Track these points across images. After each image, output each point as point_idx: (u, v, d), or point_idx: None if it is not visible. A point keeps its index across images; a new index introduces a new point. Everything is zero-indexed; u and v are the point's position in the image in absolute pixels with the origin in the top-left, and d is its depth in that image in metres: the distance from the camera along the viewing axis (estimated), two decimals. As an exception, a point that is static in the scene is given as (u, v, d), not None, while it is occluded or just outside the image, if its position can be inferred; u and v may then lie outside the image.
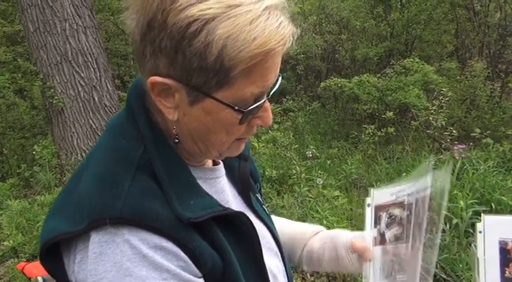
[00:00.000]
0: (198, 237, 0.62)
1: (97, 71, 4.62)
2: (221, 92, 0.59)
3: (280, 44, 0.58)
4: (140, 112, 0.67)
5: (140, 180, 0.62)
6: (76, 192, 0.64)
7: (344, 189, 3.90)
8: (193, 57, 0.57)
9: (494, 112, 4.76)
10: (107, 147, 0.67)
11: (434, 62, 5.62)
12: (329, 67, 6.44)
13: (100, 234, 0.59)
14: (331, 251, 0.90)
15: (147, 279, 0.57)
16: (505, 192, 3.30)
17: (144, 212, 0.59)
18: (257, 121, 0.66)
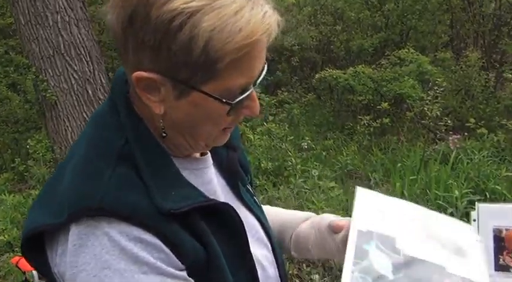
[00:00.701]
0: (179, 228, 0.61)
1: (90, 64, 4.58)
2: (208, 85, 0.59)
3: (266, 33, 0.58)
4: (122, 103, 0.66)
5: (120, 172, 0.61)
6: (59, 185, 0.64)
7: (339, 180, 3.91)
8: (179, 51, 0.56)
9: (489, 102, 4.78)
10: (88, 139, 0.66)
11: (429, 52, 5.61)
12: (324, 59, 6.42)
13: (80, 227, 0.58)
14: (316, 234, 0.88)
15: (126, 272, 0.57)
16: (499, 181, 3.33)
17: (123, 203, 0.59)
18: (245, 111, 0.66)
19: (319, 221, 0.89)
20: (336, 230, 0.84)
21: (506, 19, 5.15)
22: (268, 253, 0.80)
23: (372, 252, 0.77)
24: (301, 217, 0.94)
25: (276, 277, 0.80)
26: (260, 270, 0.74)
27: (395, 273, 0.75)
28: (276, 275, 0.80)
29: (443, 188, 3.26)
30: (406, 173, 3.59)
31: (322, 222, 0.88)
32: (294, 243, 0.92)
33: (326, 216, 0.90)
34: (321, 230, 0.87)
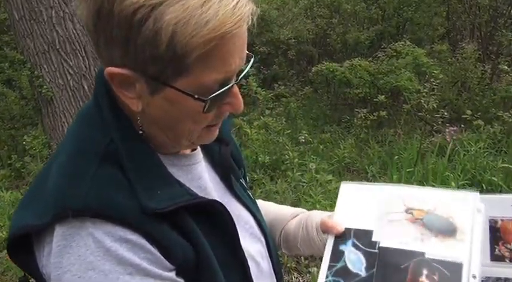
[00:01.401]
0: (166, 228, 0.61)
1: (86, 59, 4.55)
2: (180, 81, 0.57)
3: (236, 25, 0.55)
4: (105, 102, 0.65)
5: (104, 171, 0.60)
6: (45, 184, 0.63)
7: (337, 174, 3.92)
8: (145, 46, 0.54)
9: (485, 94, 4.78)
10: (74, 138, 0.65)
11: (425, 44, 5.60)
12: (320, 52, 6.40)
13: (64, 227, 0.58)
14: (303, 231, 0.88)
15: (111, 273, 0.56)
16: (496, 172, 3.35)
17: (107, 203, 0.58)
18: (226, 107, 0.64)
19: (306, 219, 0.89)
20: (324, 230, 0.84)
21: (502, 10, 5.15)
22: (262, 248, 0.79)
23: (347, 252, 0.77)
24: (290, 214, 0.94)
25: (270, 272, 0.80)
26: (254, 266, 0.73)
27: (368, 269, 0.74)
28: (270, 270, 0.80)
29: (440, 180, 3.27)
30: (403, 166, 3.60)
31: (309, 221, 0.88)
32: (283, 241, 0.92)
33: (314, 215, 0.89)
34: (308, 229, 0.87)
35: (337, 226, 0.80)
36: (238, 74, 0.62)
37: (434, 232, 0.76)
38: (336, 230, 0.80)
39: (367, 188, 0.85)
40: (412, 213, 0.79)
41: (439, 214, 0.78)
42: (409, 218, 0.78)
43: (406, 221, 0.78)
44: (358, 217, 0.80)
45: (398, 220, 0.78)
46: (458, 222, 0.76)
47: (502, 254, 0.83)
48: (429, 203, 0.79)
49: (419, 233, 0.76)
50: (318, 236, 0.85)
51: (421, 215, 0.78)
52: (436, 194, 0.81)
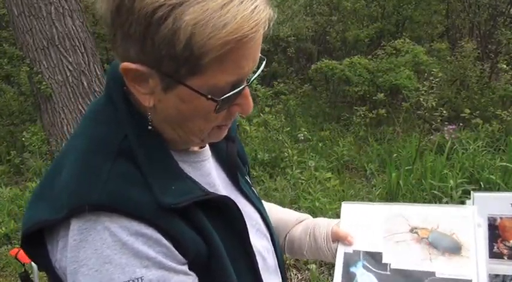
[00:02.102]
0: (180, 222, 0.62)
1: (85, 55, 4.54)
2: (194, 80, 0.58)
3: (253, 30, 0.55)
4: (119, 98, 0.66)
5: (119, 168, 0.61)
6: (57, 180, 0.63)
7: (336, 171, 3.93)
8: (162, 44, 0.55)
9: (484, 92, 4.80)
10: (86, 135, 0.66)
11: (424, 42, 5.61)
12: (320, 49, 6.40)
13: (80, 222, 0.58)
14: (311, 240, 0.89)
15: (127, 267, 0.57)
16: (494, 171, 3.36)
17: (123, 198, 0.59)
18: (236, 108, 0.65)
19: (314, 228, 0.90)
20: (335, 239, 0.86)
21: (501, 9, 5.15)
22: (267, 244, 0.80)
23: (359, 274, 0.79)
24: (295, 219, 0.95)
25: (275, 267, 0.81)
26: (261, 261, 0.74)
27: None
28: (275, 265, 0.81)
29: (438, 178, 3.28)
30: (401, 164, 3.61)
31: (317, 231, 0.89)
32: (288, 246, 0.94)
33: (321, 224, 0.91)
34: (316, 238, 0.88)
35: (348, 236, 0.83)
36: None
37: (441, 250, 0.79)
38: (347, 240, 0.83)
39: (369, 208, 0.87)
40: (417, 232, 0.82)
41: (442, 232, 0.80)
42: (415, 237, 0.81)
43: (412, 241, 0.81)
44: (365, 239, 0.83)
45: (405, 241, 0.81)
46: (462, 239, 0.79)
47: (501, 251, 0.85)
48: (431, 221, 0.82)
49: (428, 253, 0.79)
50: (327, 245, 0.87)
51: (426, 234, 0.81)
52: (436, 211, 0.84)
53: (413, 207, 0.86)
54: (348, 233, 0.84)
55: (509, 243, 0.85)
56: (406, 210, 0.85)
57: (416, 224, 0.82)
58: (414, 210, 0.84)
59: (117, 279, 0.57)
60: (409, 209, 0.85)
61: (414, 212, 0.84)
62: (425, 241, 0.80)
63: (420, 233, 0.81)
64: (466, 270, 0.76)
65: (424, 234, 0.81)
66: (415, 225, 0.82)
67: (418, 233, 0.81)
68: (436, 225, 0.81)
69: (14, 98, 6.10)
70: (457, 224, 0.81)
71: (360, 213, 0.86)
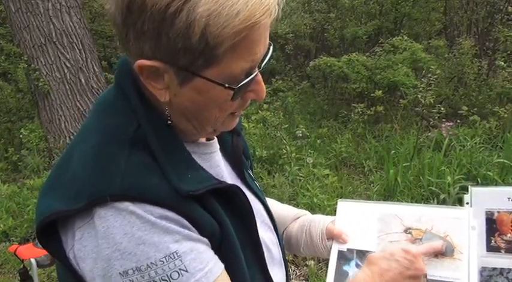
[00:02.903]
0: (198, 207, 0.63)
1: (82, 52, 4.53)
2: (210, 71, 0.59)
3: (265, 15, 0.57)
4: (132, 90, 0.66)
5: (136, 156, 0.62)
6: (68, 172, 0.64)
7: (334, 168, 3.95)
8: (177, 38, 0.56)
9: (481, 89, 4.81)
10: (98, 126, 0.66)
11: (422, 40, 5.61)
12: (318, 46, 6.40)
13: (105, 210, 0.59)
14: (307, 237, 0.91)
15: (160, 244, 0.59)
16: (491, 167, 3.37)
17: (143, 186, 0.60)
18: (251, 95, 0.66)
19: (309, 225, 0.92)
20: (329, 237, 0.88)
21: (499, 6, 5.15)
22: (272, 235, 0.82)
23: (352, 272, 0.80)
24: (292, 216, 0.97)
25: (280, 258, 0.82)
26: (266, 252, 0.75)
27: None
28: (280, 256, 0.82)
29: (436, 174, 3.30)
30: (399, 160, 3.62)
31: (313, 228, 0.91)
32: (285, 242, 0.95)
33: (317, 221, 0.92)
34: (312, 235, 0.90)
35: (342, 234, 0.85)
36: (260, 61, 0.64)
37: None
38: (341, 238, 0.85)
39: (365, 206, 0.88)
40: (411, 233, 0.82)
41: (436, 233, 0.81)
42: (409, 238, 0.82)
43: (405, 241, 0.81)
44: (359, 237, 0.84)
45: (398, 241, 0.82)
46: (455, 241, 0.80)
47: (498, 245, 0.85)
48: (426, 222, 0.82)
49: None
50: (322, 243, 0.89)
51: (420, 235, 0.81)
52: (431, 212, 0.84)
53: (409, 207, 0.86)
54: (342, 231, 0.86)
55: (507, 237, 0.85)
56: (401, 210, 0.85)
57: (410, 224, 0.82)
58: (409, 210, 0.85)
59: (154, 257, 0.58)
60: (404, 209, 0.86)
61: (409, 212, 0.84)
62: (418, 242, 0.80)
63: (414, 234, 0.82)
64: (458, 273, 0.76)
65: (417, 235, 0.81)
66: (410, 226, 0.82)
67: (412, 234, 0.82)
68: (430, 226, 0.82)
69: (11, 95, 6.08)
70: (452, 225, 0.81)
71: (355, 212, 0.87)
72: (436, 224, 0.82)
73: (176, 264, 0.59)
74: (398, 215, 0.84)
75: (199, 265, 0.61)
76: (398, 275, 0.73)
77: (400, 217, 0.84)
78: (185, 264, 0.60)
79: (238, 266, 0.67)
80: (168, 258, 0.59)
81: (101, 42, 6.97)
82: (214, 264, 0.63)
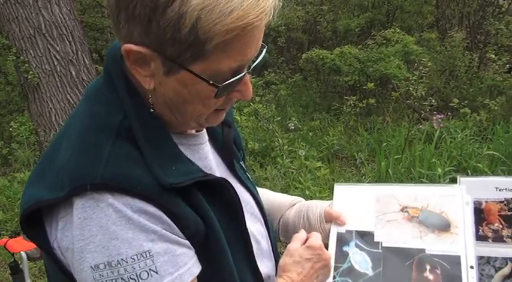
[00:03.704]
0: (180, 202, 0.62)
1: (73, 44, 4.47)
2: (196, 65, 0.58)
3: (258, 18, 0.56)
4: (119, 78, 0.66)
5: (120, 146, 0.61)
6: (55, 160, 0.63)
7: (326, 160, 3.96)
8: (167, 28, 0.55)
9: (472, 82, 4.84)
10: (85, 115, 0.66)
11: (414, 32, 5.63)
12: (311, 39, 6.39)
13: (83, 200, 0.59)
14: (305, 222, 0.91)
15: (134, 241, 0.58)
16: (481, 159, 3.41)
17: (125, 177, 0.59)
18: (236, 94, 0.66)
19: (307, 210, 0.92)
20: (328, 220, 0.88)
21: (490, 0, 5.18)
22: (261, 227, 0.81)
23: (352, 252, 0.82)
24: (288, 202, 0.96)
25: (269, 250, 0.82)
26: (255, 244, 0.75)
27: (375, 268, 0.79)
28: (269, 249, 0.82)
29: (426, 166, 3.33)
30: (391, 153, 3.65)
31: (310, 212, 0.91)
32: (282, 229, 0.95)
33: (314, 205, 0.92)
34: (310, 219, 0.90)
35: (340, 216, 0.86)
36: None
37: (431, 228, 0.81)
38: (340, 219, 0.86)
39: (360, 188, 0.90)
40: (407, 211, 0.84)
41: (432, 210, 0.83)
42: (406, 216, 0.83)
43: (403, 220, 0.83)
44: (357, 219, 0.85)
45: (396, 220, 0.83)
46: (451, 217, 0.82)
47: (486, 234, 0.86)
48: (421, 200, 0.84)
49: (418, 231, 0.81)
50: (321, 226, 0.89)
51: (417, 213, 0.83)
52: (426, 190, 0.86)
53: (404, 187, 0.88)
54: (341, 214, 0.86)
55: (494, 226, 0.86)
56: (397, 190, 0.87)
57: (406, 203, 0.84)
58: (404, 190, 0.87)
59: (125, 253, 0.58)
60: (399, 189, 0.87)
61: (404, 192, 0.86)
62: (415, 220, 0.82)
63: (411, 212, 0.83)
64: (455, 247, 0.79)
65: (414, 213, 0.83)
66: (406, 205, 0.84)
67: (408, 212, 0.83)
68: (426, 204, 0.84)
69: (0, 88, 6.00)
70: (446, 202, 0.83)
71: (352, 194, 0.88)
72: (431, 201, 0.84)
73: (147, 264, 0.58)
74: (394, 195, 0.86)
75: (170, 268, 0.60)
76: (312, 270, 0.77)
77: (396, 197, 0.85)
78: (156, 266, 0.59)
79: (225, 260, 0.67)
80: (139, 256, 0.58)
81: (92, 34, 6.89)
82: (187, 269, 0.62)
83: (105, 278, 0.57)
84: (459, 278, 0.76)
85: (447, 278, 0.76)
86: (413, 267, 0.78)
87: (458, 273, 0.76)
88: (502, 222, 0.85)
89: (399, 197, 0.85)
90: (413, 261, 0.78)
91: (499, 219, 0.86)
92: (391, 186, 0.89)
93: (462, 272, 0.76)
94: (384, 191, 0.87)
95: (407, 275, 0.77)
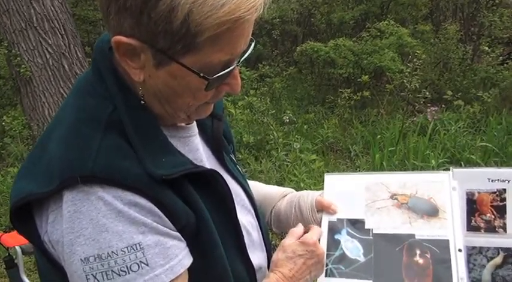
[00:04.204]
0: (171, 193, 0.63)
1: (65, 37, 4.43)
2: (187, 58, 0.58)
3: (249, 12, 0.56)
4: (108, 71, 0.65)
5: (110, 139, 0.61)
6: (45, 154, 0.63)
7: (320, 153, 3.97)
8: (159, 20, 0.55)
9: (466, 74, 4.86)
10: (74, 108, 0.65)
11: (409, 25, 5.63)
12: (305, 32, 6.37)
13: (73, 193, 0.58)
14: (296, 212, 0.92)
15: (124, 234, 0.58)
16: (474, 151, 3.44)
17: (115, 169, 0.59)
18: (225, 87, 0.66)
19: (298, 200, 0.93)
20: (319, 209, 0.89)
21: (484, -9, 5.18)
22: (252, 219, 0.82)
23: (343, 240, 0.84)
24: (280, 194, 0.97)
25: (260, 241, 0.82)
26: (246, 235, 0.76)
27: (366, 254, 0.81)
28: (260, 240, 0.83)
29: (420, 158, 3.35)
30: (385, 145, 3.66)
31: (302, 202, 0.92)
32: (274, 220, 0.96)
33: (305, 195, 0.93)
34: (302, 209, 0.91)
35: (331, 205, 0.87)
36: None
37: (420, 214, 0.83)
38: (331, 208, 0.87)
39: (350, 177, 0.91)
40: (397, 198, 0.86)
41: (420, 197, 0.85)
42: (395, 203, 0.85)
43: (392, 206, 0.85)
44: (348, 207, 0.87)
45: (386, 207, 0.85)
46: (439, 202, 0.84)
47: (478, 224, 0.87)
48: (410, 187, 0.86)
49: (407, 217, 0.83)
50: (312, 216, 0.90)
51: (405, 200, 0.85)
52: (414, 177, 0.88)
53: (393, 175, 0.89)
54: (332, 202, 0.87)
55: (486, 217, 0.87)
56: (386, 178, 0.89)
57: (395, 190, 0.86)
58: (393, 177, 0.88)
59: (116, 246, 0.58)
60: (388, 176, 0.89)
61: (393, 179, 0.88)
62: (405, 206, 0.84)
63: (400, 199, 0.85)
64: (444, 231, 0.80)
65: (403, 199, 0.85)
66: (395, 192, 0.86)
67: (398, 199, 0.85)
68: (414, 191, 0.85)
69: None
70: (434, 188, 0.85)
71: (342, 183, 0.90)
72: (419, 188, 0.85)
73: (137, 256, 0.58)
74: (383, 183, 0.87)
75: (161, 260, 0.60)
76: (304, 266, 0.77)
77: (385, 185, 0.87)
78: (147, 258, 0.59)
79: (216, 252, 0.68)
80: (130, 248, 0.58)
81: (84, 27, 6.82)
82: (178, 261, 0.62)
83: (95, 271, 0.57)
84: (448, 261, 0.78)
85: (436, 261, 0.78)
86: (404, 252, 0.80)
87: (447, 257, 0.78)
88: (494, 213, 0.86)
89: (388, 184, 0.87)
90: (403, 247, 0.80)
91: (491, 209, 0.87)
92: (380, 175, 0.90)
93: (451, 255, 0.78)
94: (374, 179, 0.88)
95: (398, 259, 0.79)
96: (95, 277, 0.57)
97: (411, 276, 0.77)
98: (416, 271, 0.77)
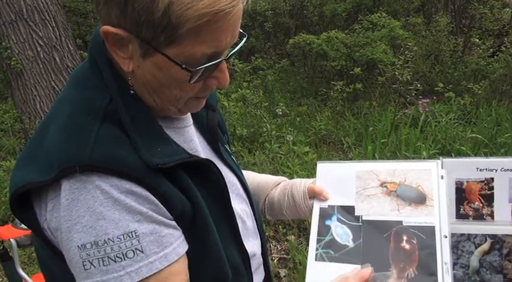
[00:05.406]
0: (167, 182, 0.64)
1: (56, 29, 4.38)
2: (170, 49, 0.59)
3: (231, 5, 0.57)
4: (103, 62, 0.67)
5: (107, 129, 0.62)
6: (43, 144, 0.64)
7: (313, 145, 4.00)
8: (141, 10, 0.56)
9: (457, 66, 4.90)
10: (72, 99, 0.67)
11: (400, 17, 5.65)
12: (298, 24, 6.36)
13: (71, 182, 0.60)
14: (289, 199, 0.94)
15: (120, 222, 0.60)
16: (465, 142, 3.48)
17: (112, 158, 0.60)
18: (213, 81, 0.67)
19: (291, 188, 0.95)
20: (311, 196, 0.91)
21: (475, -17, 5.21)
22: (246, 207, 0.83)
23: (334, 226, 0.86)
24: (273, 182, 0.99)
25: (254, 229, 0.84)
26: (240, 224, 0.77)
27: (355, 240, 0.83)
28: (254, 228, 0.84)
29: (412, 149, 3.38)
30: (377, 137, 3.69)
31: (294, 190, 0.93)
32: (268, 208, 0.98)
33: (297, 183, 0.95)
34: (294, 197, 0.93)
35: (323, 192, 0.89)
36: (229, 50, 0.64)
37: (408, 201, 0.85)
38: (322, 195, 0.89)
39: (342, 166, 0.93)
40: (386, 186, 0.88)
41: (409, 184, 0.87)
42: (385, 191, 0.87)
43: (382, 194, 0.87)
44: (339, 194, 0.89)
45: (375, 194, 0.87)
46: (426, 190, 0.86)
47: (467, 212, 0.90)
48: (399, 175, 0.88)
49: (396, 204, 0.85)
50: (305, 203, 0.92)
51: (394, 188, 0.87)
52: (403, 166, 0.90)
53: (383, 164, 0.91)
54: (323, 189, 0.89)
55: (474, 205, 0.90)
56: (377, 166, 0.90)
57: (385, 178, 0.88)
58: (383, 166, 0.90)
59: (112, 233, 0.59)
60: (378, 165, 0.91)
61: (383, 167, 0.90)
62: (394, 194, 0.86)
63: (389, 187, 0.87)
64: (430, 218, 0.83)
65: (392, 187, 0.87)
66: (385, 180, 0.88)
67: (387, 187, 0.87)
68: (403, 178, 0.87)
69: (-18, 75, 5.86)
70: (422, 176, 0.87)
71: (334, 171, 0.92)
72: (408, 176, 0.87)
73: (133, 243, 0.60)
74: (374, 171, 0.89)
75: (155, 248, 0.61)
76: None
77: (375, 173, 0.89)
78: (142, 245, 0.60)
79: (212, 239, 0.69)
80: (125, 236, 0.59)
81: (75, 19, 6.74)
82: (172, 249, 0.63)
83: (91, 257, 0.59)
84: (433, 247, 0.80)
85: (422, 247, 0.80)
86: (391, 238, 0.82)
87: (432, 242, 0.80)
88: (482, 201, 0.89)
89: (379, 172, 0.89)
90: (391, 233, 0.82)
91: (479, 198, 0.89)
92: (371, 163, 0.92)
93: (436, 241, 0.80)
94: (364, 168, 0.90)
95: (386, 245, 0.81)
96: (91, 263, 0.59)
97: (398, 261, 0.79)
98: (402, 256, 0.79)
